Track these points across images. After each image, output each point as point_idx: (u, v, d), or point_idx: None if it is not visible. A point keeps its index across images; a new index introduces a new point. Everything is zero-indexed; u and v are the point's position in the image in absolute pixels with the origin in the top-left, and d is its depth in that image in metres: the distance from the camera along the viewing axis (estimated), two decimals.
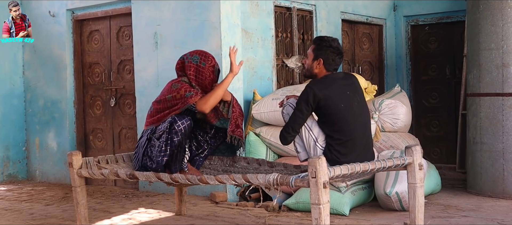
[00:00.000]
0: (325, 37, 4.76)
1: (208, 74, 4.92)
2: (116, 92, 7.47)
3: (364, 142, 4.62)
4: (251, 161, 5.31)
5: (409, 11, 8.81)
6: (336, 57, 4.65)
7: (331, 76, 4.65)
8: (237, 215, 5.63)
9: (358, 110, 4.60)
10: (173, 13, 6.65)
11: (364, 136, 4.64)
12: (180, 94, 4.76)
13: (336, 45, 4.67)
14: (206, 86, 4.93)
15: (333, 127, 4.53)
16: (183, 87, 4.81)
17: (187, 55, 5.00)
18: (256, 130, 6.54)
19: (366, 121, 4.70)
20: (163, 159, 4.75)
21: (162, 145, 4.73)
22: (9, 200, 6.84)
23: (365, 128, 4.66)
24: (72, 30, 7.78)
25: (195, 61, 4.92)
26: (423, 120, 8.74)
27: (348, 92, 4.60)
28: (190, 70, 4.91)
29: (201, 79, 4.92)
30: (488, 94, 6.30)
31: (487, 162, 6.32)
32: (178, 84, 4.86)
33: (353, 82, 4.72)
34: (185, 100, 4.74)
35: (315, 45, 4.71)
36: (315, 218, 3.84)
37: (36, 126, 8.16)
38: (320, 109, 4.54)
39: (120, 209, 6.10)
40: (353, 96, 4.61)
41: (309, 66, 4.71)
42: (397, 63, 8.94)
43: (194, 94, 4.77)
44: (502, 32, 6.20)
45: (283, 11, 7.30)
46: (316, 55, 4.67)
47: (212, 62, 4.96)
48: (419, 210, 4.56)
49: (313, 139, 4.58)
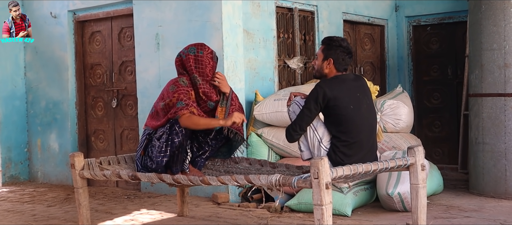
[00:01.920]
0: (334, 37, 4.74)
1: (208, 61, 4.91)
2: (118, 93, 7.47)
3: (369, 145, 4.61)
4: (253, 162, 5.31)
5: (411, 12, 8.80)
6: (346, 56, 4.63)
7: (341, 76, 4.63)
8: (239, 216, 5.63)
9: (366, 113, 4.58)
10: (174, 14, 6.65)
11: (370, 139, 4.63)
12: (173, 102, 4.73)
13: (346, 45, 4.66)
14: (207, 74, 4.90)
15: (340, 127, 4.51)
16: (177, 92, 4.76)
17: (183, 50, 5.00)
18: (258, 131, 6.54)
19: (373, 124, 4.68)
20: (163, 159, 4.74)
21: (162, 146, 4.73)
22: (11, 201, 6.84)
23: (371, 131, 4.65)
24: (73, 31, 7.78)
25: (193, 52, 4.92)
26: (425, 121, 8.74)
27: (358, 94, 4.59)
28: (189, 62, 4.89)
29: (201, 68, 4.89)
30: (490, 94, 6.29)
31: (489, 163, 6.32)
32: (175, 86, 4.82)
33: (363, 85, 4.70)
34: (174, 113, 4.70)
35: (325, 46, 4.69)
36: (318, 219, 3.83)
37: (38, 127, 8.16)
38: (328, 109, 4.51)
39: (122, 210, 6.10)
40: (362, 98, 4.60)
41: (319, 67, 4.69)
42: (399, 63, 8.94)
43: (184, 106, 4.71)
44: (504, 33, 6.19)
45: (285, 12, 7.30)
46: (326, 55, 4.64)
47: (209, 49, 4.96)
48: (422, 210, 4.55)
49: (317, 139, 4.57)
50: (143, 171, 4.90)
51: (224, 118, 4.84)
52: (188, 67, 4.91)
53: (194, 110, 4.76)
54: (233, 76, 6.34)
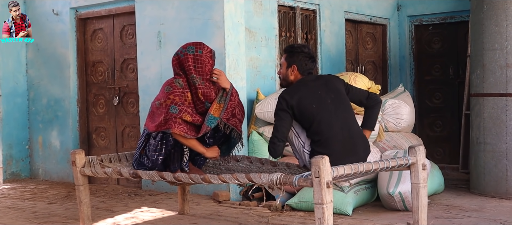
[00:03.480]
0: (295, 45, 4.84)
1: (207, 60, 4.83)
2: (120, 91, 7.47)
3: (344, 137, 4.55)
4: (254, 160, 5.31)
5: (413, 11, 8.80)
6: (308, 61, 4.69)
7: (302, 80, 4.67)
8: (240, 214, 5.63)
9: (332, 107, 4.55)
10: (176, 12, 6.65)
11: (344, 131, 4.56)
12: (167, 104, 4.66)
13: (307, 50, 4.74)
14: (206, 73, 4.81)
15: (311, 128, 4.54)
16: (173, 94, 4.69)
17: (180, 49, 4.88)
18: (260, 129, 6.54)
19: (346, 116, 4.61)
20: (158, 158, 4.74)
21: (157, 144, 4.72)
22: (12, 198, 6.85)
23: (344, 122, 4.58)
24: (75, 29, 7.78)
25: (191, 52, 4.82)
26: (427, 120, 8.73)
27: (319, 91, 4.59)
28: (188, 61, 4.79)
29: (200, 68, 4.80)
30: (492, 94, 6.29)
31: (490, 162, 6.31)
32: (171, 88, 4.75)
33: (326, 82, 4.67)
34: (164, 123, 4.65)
35: (287, 54, 4.75)
36: (318, 217, 3.83)
37: (39, 124, 8.16)
38: (296, 116, 4.56)
39: (123, 207, 6.10)
40: (326, 94, 4.58)
41: (284, 75, 4.75)
42: (400, 63, 8.93)
43: (176, 114, 4.64)
44: (506, 33, 6.19)
45: (287, 11, 7.30)
46: (289, 63, 4.70)
47: (208, 48, 4.86)
48: (422, 210, 4.55)
49: (301, 144, 4.63)
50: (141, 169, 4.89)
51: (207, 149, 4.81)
52: (186, 67, 4.80)
53: (188, 116, 4.67)
54: (235, 75, 6.34)
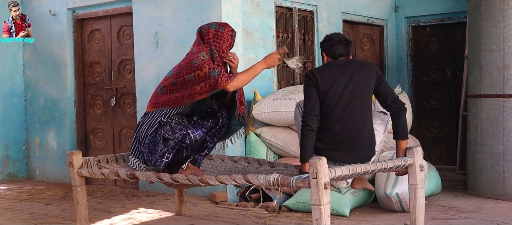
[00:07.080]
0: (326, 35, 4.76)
1: (227, 37, 4.86)
2: (117, 92, 7.46)
3: (347, 130, 4.44)
4: (252, 161, 5.31)
5: (410, 12, 8.80)
6: (335, 46, 4.58)
7: (330, 62, 4.61)
8: (237, 215, 5.63)
9: (347, 98, 4.43)
10: (174, 12, 6.65)
11: (348, 125, 4.44)
12: (204, 72, 4.59)
13: (334, 35, 4.66)
14: (223, 50, 4.83)
15: (321, 110, 4.43)
16: (206, 63, 4.64)
17: (204, 25, 4.95)
18: (257, 130, 6.54)
19: (358, 111, 4.47)
20: (161, 164, 4.71)
21: (166, 152, 4.68)
22: (9, 199, 6.84)
23: (352, 116, 4.45)
24: (72, 30, 7.78)
25: (214, 27, 4.88)
26: (424, 121, 8.74)
27: (339, 77, 4.46)
28: (209, 34, 4.82)
29: (219, 43, 4.82)
30: (489, 95, 6.30)
31: (487, 164, 6.32)
32: (199, 60, 4.67)
33: (353, 71, 4.51)
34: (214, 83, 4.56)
35: (321, 46, 4.73)
36: (316, 218, 3.83)
37: (36, 125, 8.15)
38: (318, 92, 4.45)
39: (120, 208, 6.10)
40: (345, 83, 4.45)
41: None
42: (398, 64, 8.94)
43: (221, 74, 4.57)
44: (503, 34, 6.20)
45: (284, 12, 7.30)
46: (321, 52, 4.70)
47: (230, 27, 4.92)
48: (420, 211, 4.56)
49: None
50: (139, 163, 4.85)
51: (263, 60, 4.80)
52: (206, 39, 4.83)
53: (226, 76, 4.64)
54: None
